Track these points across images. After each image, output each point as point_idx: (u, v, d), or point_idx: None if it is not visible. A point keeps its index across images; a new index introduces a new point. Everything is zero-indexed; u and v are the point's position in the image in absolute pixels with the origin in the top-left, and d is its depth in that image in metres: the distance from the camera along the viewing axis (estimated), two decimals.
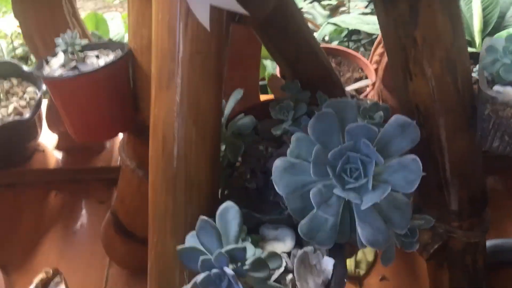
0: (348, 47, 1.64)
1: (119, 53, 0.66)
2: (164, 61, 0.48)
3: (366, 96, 1.11)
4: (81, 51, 0.66)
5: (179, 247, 0.40)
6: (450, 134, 0.59)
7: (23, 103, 1.11)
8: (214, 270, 0.37)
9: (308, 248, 0.51)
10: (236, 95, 0.60)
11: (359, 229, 0.47)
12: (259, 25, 0.68)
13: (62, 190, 1.17)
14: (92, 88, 0.63)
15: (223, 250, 0.37)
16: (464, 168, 0.61)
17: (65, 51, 0.64)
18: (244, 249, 0.38)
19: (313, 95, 0.69)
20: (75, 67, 0.64)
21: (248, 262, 0.42)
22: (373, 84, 1.13)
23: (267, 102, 0.70)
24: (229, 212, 0.42)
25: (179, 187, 0.50)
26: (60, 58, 0.65)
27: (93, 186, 1.17)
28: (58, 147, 1.20)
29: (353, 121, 0.50)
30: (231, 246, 0.39)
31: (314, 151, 0.47)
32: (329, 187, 0.47)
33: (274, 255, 0.46)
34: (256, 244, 0.52)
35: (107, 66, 0.63)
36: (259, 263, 0.43)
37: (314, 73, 0.77)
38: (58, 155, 1.20)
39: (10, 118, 1.05)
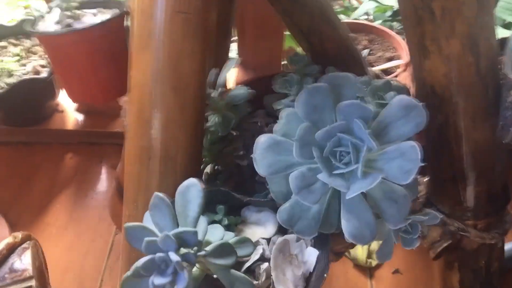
0: (391, 27, 1.54)
1: (116, 12, 0.62)
2: (143, 19, 0.44)
3: (395, 77, 1.03)
4: (79, 8, 0.62)
5: (127, 224, 0.36)
6: (468, 121, 0.52)
7: (42, 62, 1.09)
8: (159, 254, 0.33)
9: (290, 236, 0.47)
10: (230, 64, 0.55)
11: (343, 221, 0.41)
12: None
13: (78, 153, 1.17)
14: (85, 46, 0.59)
15: (171, 233, 0.33)
16: (483, 161, 0.54)
17: (61, 8, 0.61)
18: (195, 233, 0.34)
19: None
20: (69, 25, 0.60)
21: (210, 247, 0.37)
22: (406, 65, 1.05)
23: (273, 75, 0.65)
24: (190, 191, 0.37)
25: (154, 158, 0.46)
26: (55, 15, 0.62)
27: (108, 150, 1.16)
28: (78, 109, 1.18)
29: (351, 98, 0.45)
30: (180, 229, 0.34)
31: (300, 128, 0.41)
32: (315, 171, 0.42)
33: (245, 241, 0.41)
34: (234, 226, 0.47)
35: (100, 24, 0.59)
36: (223, 249, 0.38)
37: (330, 47, 0.70)
38: (78, 117, 1.19)
39: (28, 76, 1.04)
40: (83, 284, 0.92)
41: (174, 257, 0.32)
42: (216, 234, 0.41)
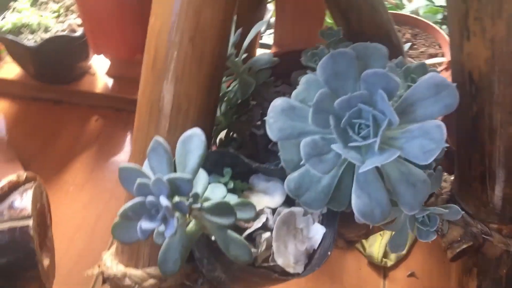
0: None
1: None
2: None
3: None
4: None
5: (121, 165, 0.34)
6: (505, 115, 0.48)
7: (80, 21, 1.09)
8: (150, 198, 0.31)
9: (297, 209, 0.44)
10: (258, 26, 0.52)
11: (353, 197, 0.39)
12: None
13: (104, 116, 1.16)
14: None
15: (164, 177, 0.31)
16: None
17: None
18: (189, 181, 0.31)
19: None
20: None
21: (207, 203, 0.35)
22: (449, 64, 1.00)
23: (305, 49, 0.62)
24: (193, 141, 0.35)
25: (165, 110, 0.44)
26: None
27: (134, 117, 1.15)
28: (109, 73, 1.18)
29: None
30: (175, 174, 0.32)
31: (318, 93, 0.38)
32: (329, 141, 0.39)
33: (247, 204, 0.39)
34: (240, 192, 0.45)
35: None
36: (221, 207, 0.36)
37: (368, 27, 0.67)
38: (108, 81, 1.18)
39: (62, 33, 1.04)
40: (93, 244, 0.92)
41: (164, 201, 0.30)
42: (217, 193, 0.39)
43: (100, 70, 1.19)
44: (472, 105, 0.49)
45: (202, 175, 0.36)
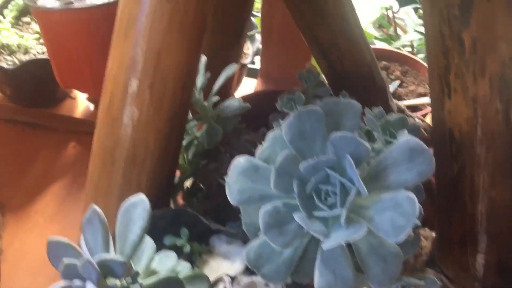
0: None
1: None
2: (128, 3, 0.39)
3: (424, 116, 0.95)
4: None
5: (50, 238, 0.31)
6: (487, 176, 0.44)
7: None
8: (77, 282, 0.27)
9: (258, 279, 0.40)
10: (228, 70, 0.49)
11: (316, 273, 0.35)
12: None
13: (82, 143, 1.12)
14: (82, 27, 0.55)
15: (95, 258, 0.27)
16: (499, 225, 0.47)
17: None
18: (122, 264, 0.27)
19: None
20: (70, 2, 0.56)
21: (151, 279, 0.31)
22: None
23: (282, 91, 0.58)
24: (136, 209, 0.31)
25: (119, 161, 0.40)
26: None
27: None
28: (89, 98, 1.14)
29: (350, 129, 0.38)
30: (107, 256, 0.28)
31: (282, 155, 0.35)
32: (292, 208, 0.35)
33: (199, 277, 0.35)
34: (197, 255, 0.41)
35: (102, 6, 0.54)
36: (168, 284, 0.32)
37: (350, 69, 0.64)
38: (89, 105, 1.15)
39: (42, 56, 1.01)
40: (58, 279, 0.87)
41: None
42: (166, 263, 0.35)
43: (81, 94, 1.15)
44: (453, 164, 0.46)
45: (148, 245, 0.32)
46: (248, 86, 1.10)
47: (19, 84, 1.04)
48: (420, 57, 1.44)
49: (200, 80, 0.48)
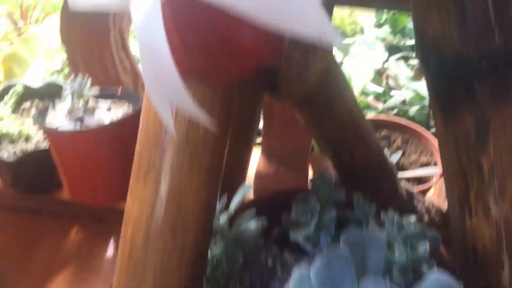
0: (428, 116, 1.47)
1: (132, 107, 0.57)
2: (147, 146, 0.39)
3: (428, 189, 0.95)
4: (96, 96, 0.58)
5: None
6: None
7: None
8: None
9: None
10: (244, 191, 0.48)
11: None
12: (297, 101, 0.57)
13: (86, 227, 1.10)
14: (92, 146, 0.55)
15: None
16: None
17: (73, 95, 0.57)
18: None
19: (352, 191, 0.56)
20: (80, 118, 0.56)
21: None
22: (441, 176, 0.97)
23: (294, 191, 0.58)
24: None
25: None
26: (67, 104, 0.58)
27: (118, 229, 1.09)
28: None
29: (377, 263, 0.37)
30: None
31: None
32: None
33: None
34: None
35: (112, 124, 0.54)
36: None
37: (361, 164, 0.64)
38: None
39: (44, 146, 1.00)
40: None
41: None
42: None
43: None
44: (479, 282, 0.45)
45: None
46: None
47: (20, 173, 1.04)
48: (413, 110, 1.46)
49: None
